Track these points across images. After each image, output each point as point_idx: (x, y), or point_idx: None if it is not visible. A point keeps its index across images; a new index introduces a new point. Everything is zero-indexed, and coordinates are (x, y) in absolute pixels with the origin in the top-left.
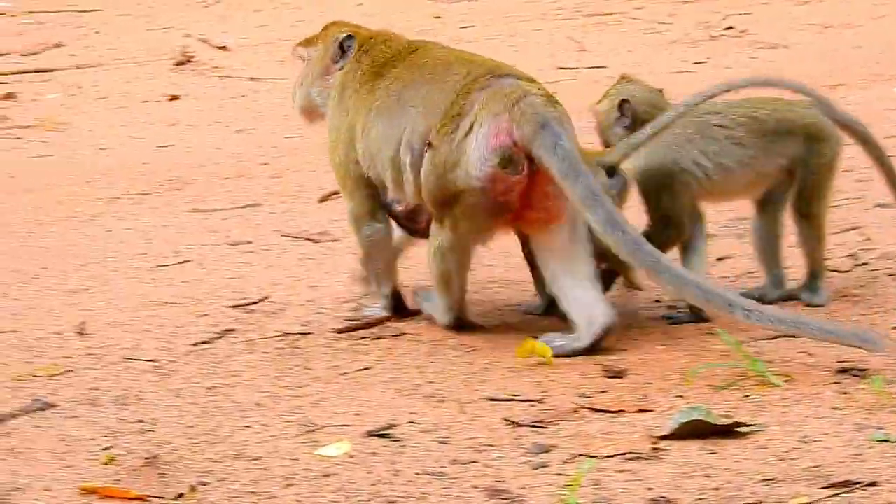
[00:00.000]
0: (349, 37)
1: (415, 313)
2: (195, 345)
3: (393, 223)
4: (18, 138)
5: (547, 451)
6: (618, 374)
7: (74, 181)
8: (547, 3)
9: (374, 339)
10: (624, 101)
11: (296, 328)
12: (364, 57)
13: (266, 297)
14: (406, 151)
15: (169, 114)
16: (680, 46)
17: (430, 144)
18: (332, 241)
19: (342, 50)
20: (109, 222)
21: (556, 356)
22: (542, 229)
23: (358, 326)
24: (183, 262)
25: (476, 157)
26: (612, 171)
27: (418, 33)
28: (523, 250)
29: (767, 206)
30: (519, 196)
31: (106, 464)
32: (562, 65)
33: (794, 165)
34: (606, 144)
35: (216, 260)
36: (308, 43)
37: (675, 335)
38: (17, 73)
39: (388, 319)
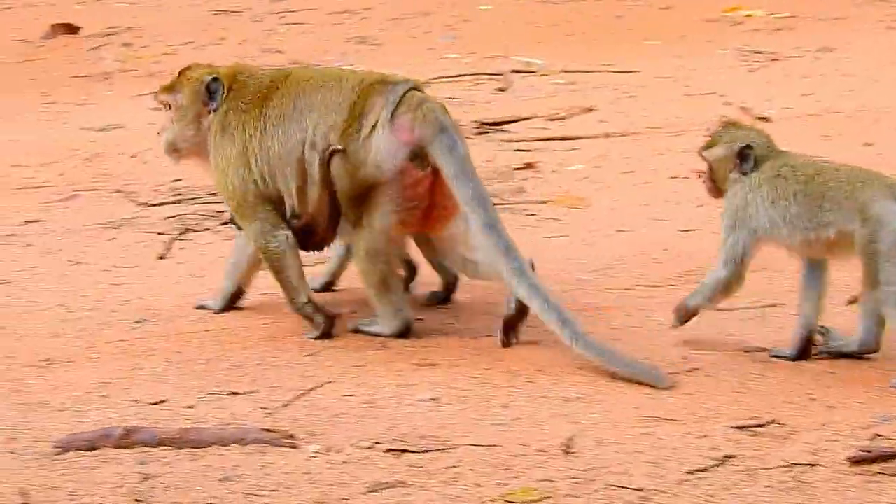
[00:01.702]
0: (215, 79)
1: (338, 316)
2: (689, 472)
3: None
4: (532, 214)
5: None
6: None
7: (589, 267)
8: None
9: (890, 474)
10: (747, 147)
11: (804, 457)
12: (239, 91)
13: (775, 420)
14: (312, 152)
15: (697, 193)
16: None
17: (339, 150)
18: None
19: (209, 91)
20: (617, 318)
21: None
22: (444, 224)
23: (874, 457)
24: (690, 371)
25: (386, 151)
26: None
27: None
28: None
29: None
30: (427, 191)
31: None
32: None
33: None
34: (718, 189)
35: (724, 371)
36: (170, 89)
37: None
38: (542, 139)
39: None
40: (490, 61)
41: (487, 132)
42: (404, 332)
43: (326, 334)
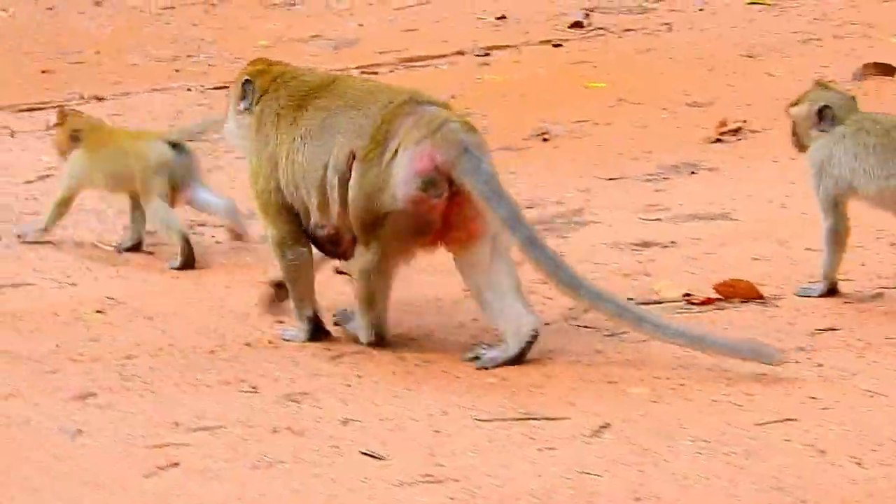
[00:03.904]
0: (247, 81)
1: (330, 336)
2: None
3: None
4: None
5: None
6: None
7: None
8: None
9: None
10: (825, 107)
11: None
12: (280, 91)
13: None
14: (333, 173)
15: None
16: None
17: (354, 156)
18: None
19: (243, 91)
20: None
21: (485, 368)
22: (463, 247)
23: None
24: None
25: (400, 180)
26: (176, 146)
27: None
28: None
29: None
30: (440, 217)
31: None
32: None
33: None
34: (800, 144)
35: None
36: (234, 81)
37: None
38: None
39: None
40: None
41: None
42: (376, 345)
43: (311, 340)
